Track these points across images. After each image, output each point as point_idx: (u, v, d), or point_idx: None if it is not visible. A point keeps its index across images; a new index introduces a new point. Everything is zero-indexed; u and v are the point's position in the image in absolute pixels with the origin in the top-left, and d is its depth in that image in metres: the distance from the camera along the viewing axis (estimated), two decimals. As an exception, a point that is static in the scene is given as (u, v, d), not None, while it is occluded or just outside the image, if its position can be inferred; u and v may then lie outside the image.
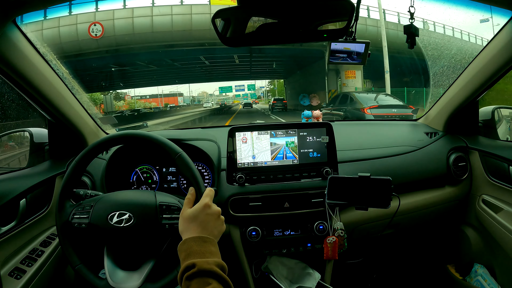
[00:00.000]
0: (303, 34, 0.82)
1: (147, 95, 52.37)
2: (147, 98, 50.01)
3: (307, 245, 1.15)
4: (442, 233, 1.45)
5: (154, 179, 1.23)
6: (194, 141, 1.20)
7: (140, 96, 49.17)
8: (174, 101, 53.10)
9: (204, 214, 0.67)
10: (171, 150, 0.79)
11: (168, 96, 55.12)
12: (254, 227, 1.11)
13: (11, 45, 0.83)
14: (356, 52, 0.96)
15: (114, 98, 24.64)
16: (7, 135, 1.44)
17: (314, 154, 1.15)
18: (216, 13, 0.76)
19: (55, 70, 1.03)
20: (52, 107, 1.06)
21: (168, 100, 52.50)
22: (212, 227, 0.67)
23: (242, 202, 1.11)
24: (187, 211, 0.69)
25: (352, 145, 1.31)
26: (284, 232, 1.15)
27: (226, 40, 0.80)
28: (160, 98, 50.83)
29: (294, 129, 1.15)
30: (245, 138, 1.14)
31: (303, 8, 0.76)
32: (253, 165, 1.14)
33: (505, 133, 1.40)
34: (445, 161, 1.25)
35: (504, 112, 1.43)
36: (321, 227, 1.11)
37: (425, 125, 1.47)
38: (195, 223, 0.66)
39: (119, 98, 31.21)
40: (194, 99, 65.42)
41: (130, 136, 0.83)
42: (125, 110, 23.27)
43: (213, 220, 0.68)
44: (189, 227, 0.67)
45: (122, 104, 29.96)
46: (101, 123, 1.34)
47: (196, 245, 0.62)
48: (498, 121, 1.38)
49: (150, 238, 0.78)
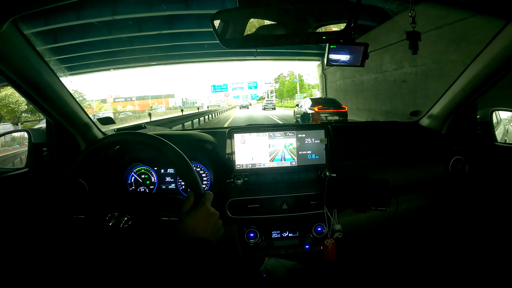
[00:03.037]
0: (302, 36, 0.82)
1: (132, 96, 44.36)
2: (132, 100, 42.20)
3: (305, 247, 1.15)
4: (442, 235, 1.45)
5: (152, 180, 1.23)
6: (193, 143, 1.20)
7: (125, 98, 41.41)
8: (166, 103, 45.24)
9: (203, 217, 0.67)
10: (169, 151, 0.79)
11: (157, 97, 46.70)
12: (252, 228, 1.10)
13: (10, 45, 0.83)
14: (354, 54, 0.96)
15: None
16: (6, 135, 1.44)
17: (313, 156, 1.15)
18: (215, 15, 0.76)
19: (54, 71, 1.03)
20: (51, 107, 1.06)
21: (158, 102, 44.40)
22: (210, 231, 0.68)
23: (240, 204, 1.11)
24: (185, 214, 0.68)
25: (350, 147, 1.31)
26: (282, 234, 1.14)
27: (225, 42, 0.80)
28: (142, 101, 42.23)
29: (292, 131, 1.15)
30: (244, 140, 1.14)
31: (303, 10, 0.76)
32: (251, 167, 1.14)
33: (503, 135, 1.40)
34: (444, 163, 1.26)
35: (502, 114, 1.43)
36: (319, 229, 1.11)
37: (424, 127, 1.48)
38: (194, 227, 0.67)
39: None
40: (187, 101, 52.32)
41: (129, 137, 0.82)
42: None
43: (212, 223, 0.68)
44: (187, 230, 0.67)
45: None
46: (99, 123, 1.34)
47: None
48: (496, 123, 1.38)
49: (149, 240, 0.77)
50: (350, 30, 0.85)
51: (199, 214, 0.68)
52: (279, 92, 44.75)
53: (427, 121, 1.48)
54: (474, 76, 1.15)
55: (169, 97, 49.12)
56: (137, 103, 41.18)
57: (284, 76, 40.97)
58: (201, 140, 1.24)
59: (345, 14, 0.77)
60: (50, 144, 1.21)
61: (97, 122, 1.32)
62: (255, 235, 1.10)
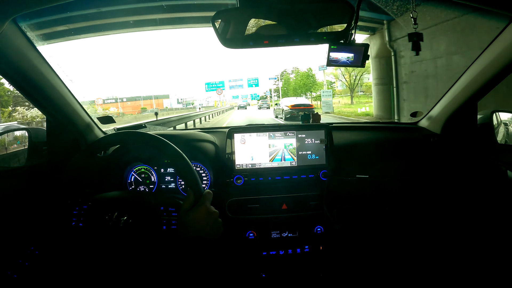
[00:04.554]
0: (302, 36, 0.82)
1: (123, 97, 38.00)
2: (123, 101, 36.29)
3: (304, 247, 1.15)
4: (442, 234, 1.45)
5: (152, 180, 1.23)
6: (193, 142, 1.20)
7: (116, 99, 35.44)
8: (159, 104, 38.74)
9: (202, 216, 0.68)
10: (168, 150, 0.79)
11: (151, 98, 40.60)
12: (251, 228, 1.10)
13: (11, 44, 0.83)
14: (355, 54, 0.96)
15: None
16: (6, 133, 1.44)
17: (313, 156, 1.15)
18: (215, 15, 0.76)
19: (54, 70, 1.03)
20: (51, 106, 1.06)
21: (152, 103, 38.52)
22: (210, 229, 0.68)
23: (240, 203, 1.11)
24: (185, 213, 0.69)
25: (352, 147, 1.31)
26: (281, 234, 1.14)
27: (225, 42, 0.80)
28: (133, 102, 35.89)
29: (292, 131, 1.15)
30: (244, 140, 1.14)
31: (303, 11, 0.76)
32: (251, 166, 1.14)
33: (504, 136, 1.40)
34: (443, 165, 1.25)
35: (502, 116, 1.43)
36: (319, 230, 1.11)
37: (424, 128, 1.48)
38: (193, 225, 0.67)
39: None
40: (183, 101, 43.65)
41: (129, 136, 0.83)
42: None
43: (211, 222, 0.69)
44: (187, 229, 0.67)
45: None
46: (99, 122, 1.34)
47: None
48: (496, 125, 1.38)
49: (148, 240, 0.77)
50: (350, 30, 0.85)
51: (199, 213, 0.68)
52: (284, 91, 36.74)
53: (427, 122, 1.48)
54: (474, 78, 1.15)
55: (163, 97, 42.49)
56: (129, 105, 35.72)
57: (289, 73, 33.85)
58: (201, 140, 1.24)
59: (346, 14, 0.76)
60: (50, 143, 1.21)
61: (97, 122, 1.32)
62: (254, 235, 1.10)
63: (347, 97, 26.61)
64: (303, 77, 29.20)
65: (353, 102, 23.84)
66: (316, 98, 24.91)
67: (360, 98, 25.95)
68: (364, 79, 26.60)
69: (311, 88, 28.70)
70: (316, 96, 25.46)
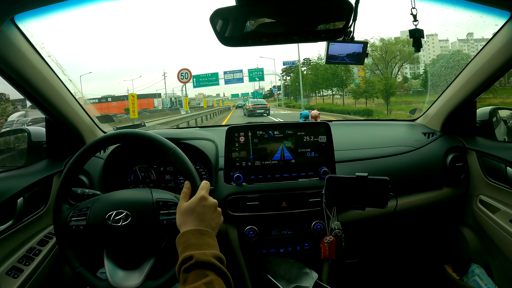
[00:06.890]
0: (301, 34, 0.82)
1: (108, 96, 31.03)
2: (108, 101, 29.88)
3: (304, 245, 1.15)
4: (440, 233, 1.45)
5: (152, 178, 1.23)
6: (192, 140, 1.20)
7: (99, 99, 29.27)
8: (149, 104, 31.69)
9: (201, 206, 0.68)
10: (164, 146, 0.80)
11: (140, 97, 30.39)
12: (251, 226, 1.11)
13: (10, 43, 0.82)
14: (354, 52, 0.96)
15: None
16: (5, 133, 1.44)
17: (312, 153, 1.15)
18: (214, 13, 0.76)
19: (53, 69, 1.03)
20: (50, 105, 1.06)
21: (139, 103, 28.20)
22: (209, 219, 0.68)
23: (239, 201, 1.11)
24: (183, 205, 0.69)
25: (349, 145, 1.31)
26: (281, 232, 1.15)
27: (224, 40, 0.80)
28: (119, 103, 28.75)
29: (291, 129, 1.15)
30: (243, 138, 1.14)
31: (302, 8, 0.76)
32: (250, 164, 1.14)
33: (503, 133, 1.40)
34: (443, 162, 1.26)
35: (502, 113, 1.43)
36: (318, 227, 1.11)
37: (423, 125, 1.48)
38: (192, 216, 0.67)
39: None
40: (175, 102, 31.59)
41: (126, 135, 0.83)
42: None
43: (210, 212, 0.69)
44: (186, 220, 0.67)
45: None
46: (98, 121, 1.34)
47: (193, 237, 0.63)
48: (496, 121, 1.38)
49: (149, 236, 0.78)
50: (349, 28, 0.85)
51: (196, 203, 0.68)
52: (293, 87, 29.37)
53: (425, 119, 1.49)
54: (473, 75, 1.15)
55: (153, 96, 34.37)
56: (114, 105, 29.36)
57: (315, 60, 24.87)
58: (201, 138, 1.24)
59: (344, 11, 0.76)
60: (49, 142, 1.21)
61: (97, 121, 1.33)
62: (254, 233, 1.10)
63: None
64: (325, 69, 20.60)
65: (389, 103, 15.85)
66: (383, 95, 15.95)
67: (402, 97, 18.45)
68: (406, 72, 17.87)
69: (346, 80, 20.46)
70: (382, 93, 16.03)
